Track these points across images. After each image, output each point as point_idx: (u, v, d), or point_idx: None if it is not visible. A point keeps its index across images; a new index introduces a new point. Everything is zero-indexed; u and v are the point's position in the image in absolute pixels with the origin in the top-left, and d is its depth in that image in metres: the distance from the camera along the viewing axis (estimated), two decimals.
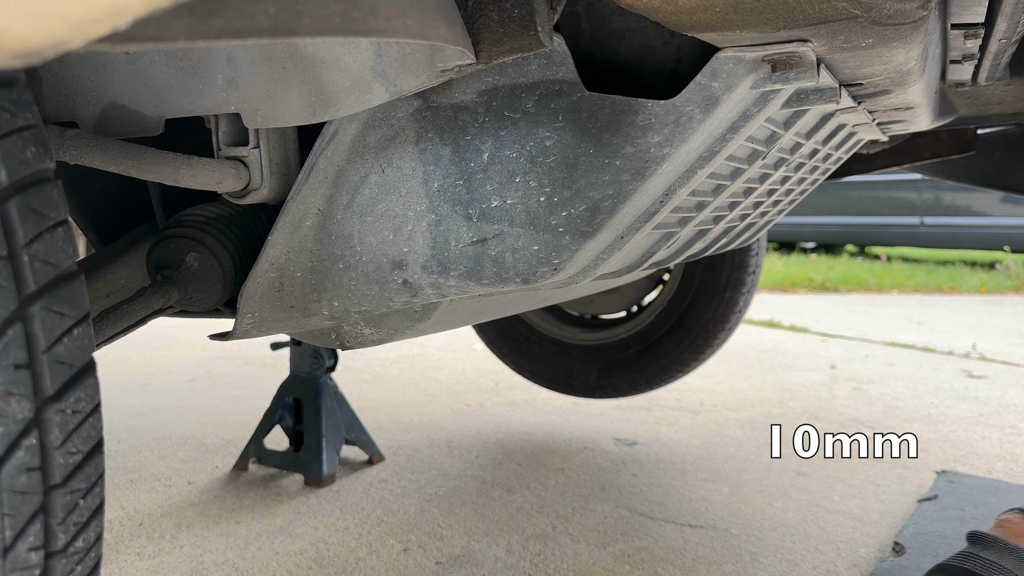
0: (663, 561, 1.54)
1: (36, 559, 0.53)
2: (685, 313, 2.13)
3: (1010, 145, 1.71)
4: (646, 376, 2.20)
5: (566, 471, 2.05)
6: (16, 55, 0.26)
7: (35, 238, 0.51)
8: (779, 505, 1.81)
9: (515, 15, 0.60)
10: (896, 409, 2.64)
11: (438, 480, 1.99)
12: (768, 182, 1.01)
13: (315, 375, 2.02)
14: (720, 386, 2.94)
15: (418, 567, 1.52)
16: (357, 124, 0.72)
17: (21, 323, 0.50)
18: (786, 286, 6.18)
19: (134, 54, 0.74)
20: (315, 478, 1.95)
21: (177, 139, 0.85)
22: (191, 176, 0.72)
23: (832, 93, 0.67)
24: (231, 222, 0.83)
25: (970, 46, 0.82)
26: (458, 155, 0.70)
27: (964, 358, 3.51)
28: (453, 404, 2.73)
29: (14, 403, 0.49)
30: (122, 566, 1.53)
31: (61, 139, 0.69)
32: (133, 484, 1.98)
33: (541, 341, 2.34)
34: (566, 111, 0.66)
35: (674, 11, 0.54)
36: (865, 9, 0.52)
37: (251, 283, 0.78)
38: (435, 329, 0.95)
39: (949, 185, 6.99)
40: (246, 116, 0.70)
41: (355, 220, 0.75)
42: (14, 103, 0.51)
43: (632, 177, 0.66)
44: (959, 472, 2.01)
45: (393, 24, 0.45)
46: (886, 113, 0.92)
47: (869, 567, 1.50)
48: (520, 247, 0.71)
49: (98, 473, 0.57)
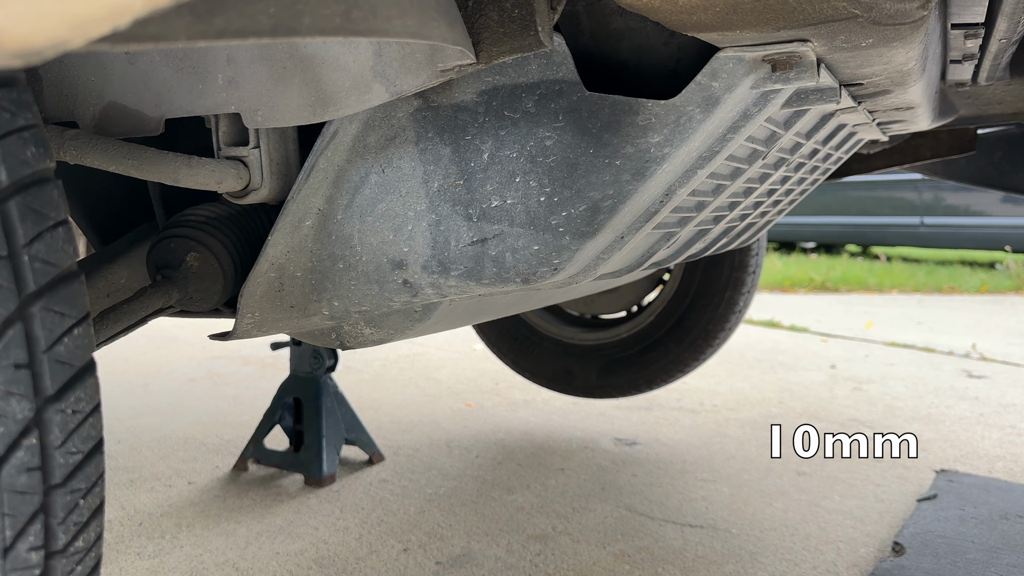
0: (663, 561, 1.54)
1: (36, 559, 0.53)
2: (685, 313, 2.13)
3: (1010, 145, 1.71)
4: (646, 376, 2.20)
5: (566, 471, 2.05)
6: (16, 55, 0.26)
7: (35, 238, 0.51)
8: (779, 505, 1.81)
9: (515, 15, 0.60)
10: (896, 409, 2.64)
11: (438, 480, 1.99)
12: (768, 182, 1.01)
13: (315, 375, 2.02)
14: (720, 386, 2.94)
15: (418, 567, 1.52)
16: (357, 124, 0.72)
17: (21, 323, 0.50)
18: (786, 286, 6.18)
19: (134, 54, 0.74)
20: (315, 478, 1.95)
21: (177, 139, 0.85)
22: (191, 176, 0.72)
23: (832, 93, 0.67)
24: (231, 222, 0.83)
25: (970, 46, 0.82)
26: (458, 155, 0.70)
27: (964, 358, 3.51)
28: (453, 404, 2.73)
29: (14, 403, 0.49)
30: (122, 566, 1.53)
31: (61, 139, 0.69)
32: (133, 484, 1.98)
33: (541, 341, 2.34)
34: (566, 111, 0.66)
35: (674, 11, 0.54)
36: (865, 9, 0.52)
37: (251, 283, 0.78)
38: (435, 329, 0.95)
39: (949, 185, 6.99)
40: (246, 116, 0.70)
41: (355, 220, 0.75)
42: (14, 103, 0.51)
43: (632, 177, 0.66)
44: (958, 471, 2.01)
45: (393, 24, 0.45)
46: (886, 113, 0.92)
47: (869, 567, 1.50)
48: (520, 247, 0.71)
49: (98, 473, 0.57)
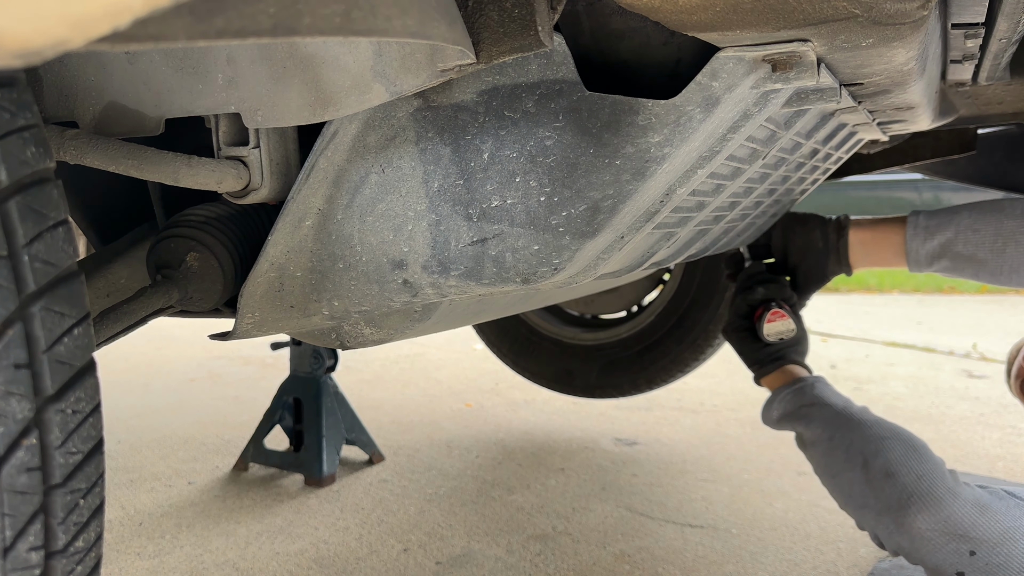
0: (663, 561, 1.54)
1: (36, 559, 0.52)
2: (685, 313, 2.13)
3: (1010, 145, 1.71)
4: (646, 376, 2.20)
5: (566, 471, 2.05)
6: (16, 55, 0.26)
7: (35, 238, 0.51)
8: (779, 505, 1.81)
9: (515, 15, 0.60)
10: (896, 409, 2.64)
11: (438, 480, 1.99)
12: (768, 182, 1.01)
13: (315, 375, 2.02)
14: (720, 386, 2.94)
15: (418, 567, 1.52)
16: (357, 124, 0.72)
17: (21, 323, 0.50)
18: None
19: (134, 54, 0.74)
20: (315, 478, 1.95)
21: (177, 139, 0.85)
22: (191, 176, 0.71)
23: (832, 93, 0.67)
24: (231, 222, 0.83)
25: (970, 46, 0.82)
26: (458, 155, 0.70)
27: (964, 358, 3.51)
28: (453, 404, 2.73)
29: (14, 403, 0.49)
30: (122, 566, 1.53)
31: (61, 139, 0.69)
32: (133, 484, 1.98)
33: (541, 341, 2.34)
34: (566, 111, 0.66)
35: (674, 11, 0.54)
36: (865, 9, 0.52)
37: (251, 283, 0.78)
38: (435, 329, 0.95)
39: (949, 185, 6.97)
40: (246, 116, 0.70)
41: (355, 220, 0.75)
42: (14, 103, 0.51)
43: (632, 177, 0.66)
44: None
45: (393, 24, 0.45)
46: (886, 113, 0.92)
47: (869, 567, 1.51)
48: (520, 247, 0.71)
49: (98, 473, 0.57)
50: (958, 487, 1.09)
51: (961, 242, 1.30)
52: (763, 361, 1.35)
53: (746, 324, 1.38)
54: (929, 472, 1.10)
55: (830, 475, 1.18)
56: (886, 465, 1.11)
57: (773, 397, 1.30)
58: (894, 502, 1.08)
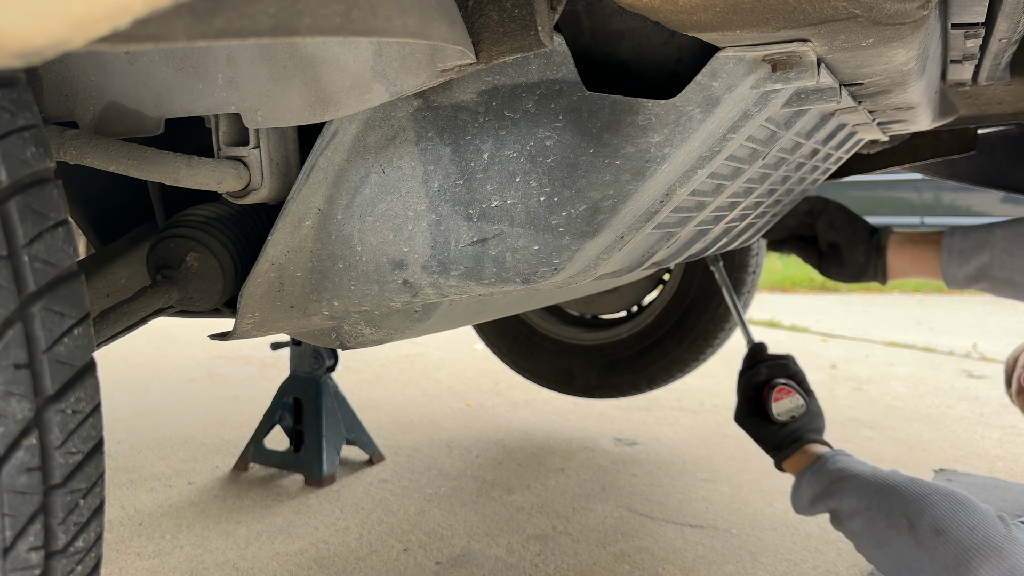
0: (663, 561, 1.54)
1: (36, 559, 0.52)
2: (685, 313, 2.13)
3: (1010, 145, 1.71)
4: (646, 376, 2.20)
5: (566, 471, 2.05)
6: (16, 55, 0.26)
7: (35, 238, 0.51)
8: (779, 505, 1.81)
9: (515, 15, 0.60)
10: (896, 409, 2.64)
11: (438, 480, 1.99)
12: (768, 182, 1.01)
13: (315, 375, 2.02)
14: (720, 386, 2.94)
15: (418, 567, 1.52)
16: (357, 124, 0.72)
17: (21, 323, 0.50)
18: (786, 286, 6.18)
19: (134, 54, 0.74)
20: (315, 478, 1.95)
21: (177, 139, 0.84)
22: (191, 176, 0.71)
23: (832, 93, 0.67)
24: (231, 222, 0.83)
25: (970, 46, 0.82)
26: (458, 155, 0.70)
27: (964, 358, 3.51)
28: (453, 404, 2.73)
29: (14, 403, 0.49)
30: (122, 566, 1.53)
31: (61, 139, 0.69)
32: (133, 484, 1.98)
33: (541, 341, 2.34)
34: (566, 111, 0.66)
35: (674, 11, 0.54)
36: (865, 9, 0.52)
37: (251, 283, 0.78)
38: (435, 329, 0.95)
39: (949, 185, 6.99)
40: (246, 116, 0.70)
41: (355, 220, 0.75)
42: (14, 103, 0.51)
43: (632, 177, 0.66)
44: (957, 471, 2.01)
45: (393, 24, 0.45)
46: (886, 113, 0.92)
47: (868, 567, 1.50)
48: (520, 247, 0.71)
49: (98, 473, 0.57)
50: (1012, 531, 1.00)
51: (997, 266, 1.32)
52: (780, 445, 1.29)
53: (755, 408, 1.34)
54: (981, 522, 1.01)
55: (876, 546, 1.09)
56: (933, 523, 1.02)
57: (798, 482, 1.24)
58: (951, 560, 0.99)
